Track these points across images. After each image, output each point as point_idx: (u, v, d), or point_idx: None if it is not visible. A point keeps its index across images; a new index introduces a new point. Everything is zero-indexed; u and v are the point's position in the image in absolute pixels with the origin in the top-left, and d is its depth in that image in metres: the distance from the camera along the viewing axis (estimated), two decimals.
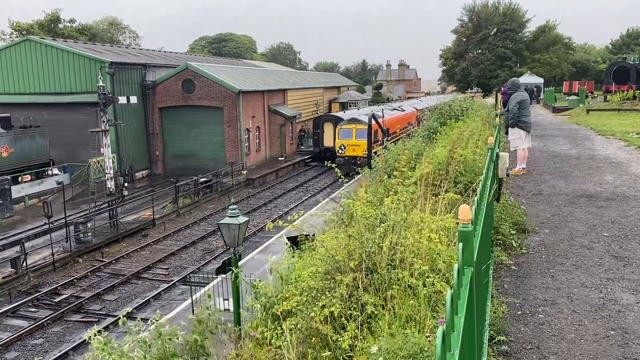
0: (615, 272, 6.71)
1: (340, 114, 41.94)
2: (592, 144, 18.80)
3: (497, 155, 8.47)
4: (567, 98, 47.80)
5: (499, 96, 29.33)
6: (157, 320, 6.87)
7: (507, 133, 14.36)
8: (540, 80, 61.83)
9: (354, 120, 35.44)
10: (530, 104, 18.66)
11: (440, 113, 17.98)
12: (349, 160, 33.85)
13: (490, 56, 64.43)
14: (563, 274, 6.73)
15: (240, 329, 7.18)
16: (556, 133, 22.86)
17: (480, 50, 66.82)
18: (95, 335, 6.37)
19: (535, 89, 52.59)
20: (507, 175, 10.03)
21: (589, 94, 49.09)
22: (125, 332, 6.91)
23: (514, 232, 8.09)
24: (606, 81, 42.76)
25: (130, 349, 6.18)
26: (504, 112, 15.43)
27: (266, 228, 7.14)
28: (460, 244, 2.67)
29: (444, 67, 72.63)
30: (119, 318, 6.93)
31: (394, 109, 43.53)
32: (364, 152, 32.79)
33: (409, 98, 77.60)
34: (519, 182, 12.40)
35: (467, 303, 2.44)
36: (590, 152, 16.81)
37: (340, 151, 34.88)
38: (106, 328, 14.09)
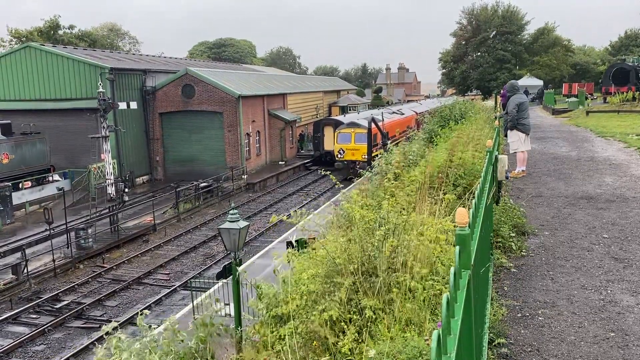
0: (615, 273, 6.71)
1: (340, 117, 41.95)
2: (591, 145, 18.81)
3: (496, 157, 8.48)
4: (567, 100, 47.84)
5: (499, 98, 29.37)
6: (163, 323, 6.90)
7: (506, 135, 14.37)
8: (540, 83, 61.88)
9: (353, 124, 35.32)
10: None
11: (440, 116, 18.04)
12: (348, 165, 33.79)
13: (490, 59, 64.53)
14: (563, 276, 6.74)
15: (241, 332, 7.18)
16: (556, 135, 22.88)
17: (479, 53, 66.94)
18: (109, 333, 6.43)
19: (531, 93, 52.11)
20: (507, 177, 10.05)
21: (589, 95, 49.14)
22: (127, 337, 6.93)
23: (513, 234, 8.09)
24: (605, 83, 42.80)
25: (141, 349, 6.22)
26: (503, 114, 15.45)
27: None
28: (457, 247, 2.69)
29: (444, 70, 72.77)
30: (118, 324, 6.93)
31: (394, 112, 43.54)
32: (363, 156, 32.71)
33: (408, 101, 77.67)
34: (518, 184, 12.41)
35: (464, 306, 2.44)
36: (590, 153, 16.82)
37: (339, 155, 34.75)
38: (107, 334, 14.08)
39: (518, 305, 5.92)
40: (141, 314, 7.09)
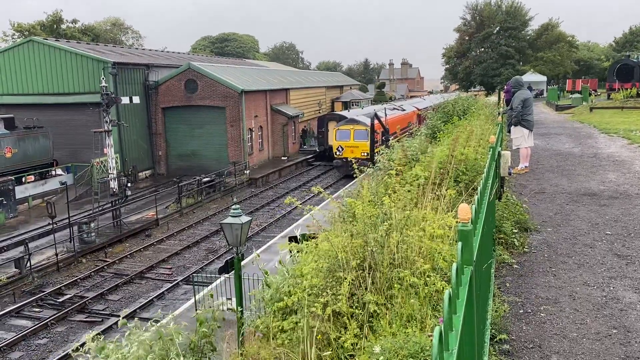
0: (617, 270, 6.70)
1: (344, 112, 41.75)
2: (595, 142, 18.74)
3: (499, 153, 8.46)
4: (571, 96, 47.68)
5: (502, 94, 29.27)
6: (158, 321, 6.90)
7: (509, 131, 14.34)
8: (544, 79, 61.60)
9: (352, 121, 34.33)
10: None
11: (443, 112, 18.01)
12: (347, 162, 33.43)
13: (493, 54, 64.23)
14: (565, 272, 6.72)
15: (243, 325, 7.20)
16: (559, 131, 22.81)
17: (483, 49, 66.60)
18: (93, 339, 6.43)
19: (534, 89, 51.69)
20: (509, 173, 10.03)
21: (592, 91, 48.97)
22: (127, 332, 6.95)
23: (516, 230, 8.07)
24: (609, 79, 42.69)
25: (134, 350, 6.22)
26: (507, 110, 15.41)
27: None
28: (460, 243, 2.67)
29: (447, 66, 72.43)
30: (119, 320, 6.95)
31: (395, 108, 43.24)
32: (362, 154, 32.04)
33: (412, 97, 77.47)
34: (521, 180, 12.38)
35: (466, 302, 2.44)
36: (593, 150, 16.77)
37: (338, 152, 34.18)
38: (110, 328, 14.16)
39: (520, 302, 5.91)
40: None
